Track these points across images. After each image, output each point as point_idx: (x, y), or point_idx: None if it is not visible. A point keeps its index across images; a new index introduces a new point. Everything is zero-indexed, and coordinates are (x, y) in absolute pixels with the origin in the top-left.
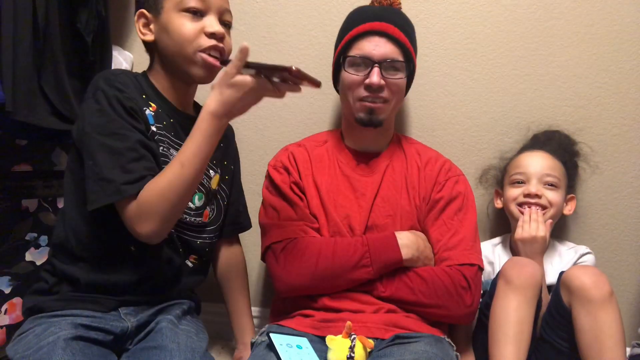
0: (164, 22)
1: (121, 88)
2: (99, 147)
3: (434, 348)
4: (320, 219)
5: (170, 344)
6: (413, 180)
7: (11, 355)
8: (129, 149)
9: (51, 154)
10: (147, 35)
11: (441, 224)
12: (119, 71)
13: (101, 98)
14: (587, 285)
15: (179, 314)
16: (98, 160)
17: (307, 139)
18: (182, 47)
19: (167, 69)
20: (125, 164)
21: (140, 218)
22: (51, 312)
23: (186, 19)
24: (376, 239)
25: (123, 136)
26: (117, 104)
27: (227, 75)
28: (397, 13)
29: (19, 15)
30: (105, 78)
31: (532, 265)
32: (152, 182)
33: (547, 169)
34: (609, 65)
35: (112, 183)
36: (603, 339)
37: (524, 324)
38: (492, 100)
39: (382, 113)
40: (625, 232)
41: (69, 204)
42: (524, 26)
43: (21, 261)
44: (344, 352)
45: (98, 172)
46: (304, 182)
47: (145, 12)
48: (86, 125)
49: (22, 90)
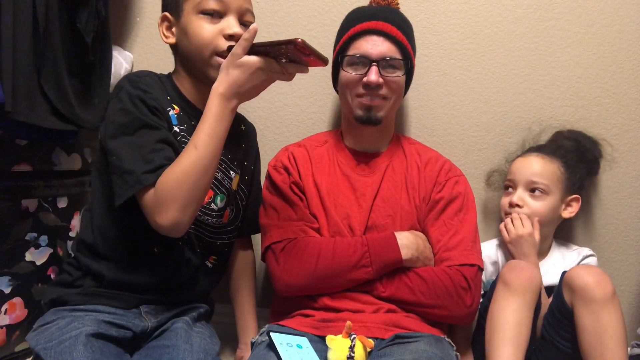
0: (184, 25)
1: (145, 89)
2: (122, 144)
3: (434, 348)
4: (320, 219)
5: (184, 344)
6: (413, 181)
7: (33, 344)
8: (150, 142)
9: (51, 154)
10: (169, 38)
11: (441, 224)
12: (144, 73)
13: (124, 97)
14: (589, 285)
15: (194, 316)
16: (121, 155)
17: (307, 139)
18: (200, 50)
19: (188, 71)
20: (145, 154)
21: (159, 206)
22: (74, 305)
23: (204, 21)
24: (376, 239)
25: (145, 132)
26: (140, 103)
27: (234, 55)
28: (395, 12)
29: (19, 15)
30: (129, 79)
31: (530, 269)
32: (168, 169)
33: (534, 175)
34: (609, 65)
35: (132, 174)
36: (605, 339)
37: (522, 326)
38: (492, 100)
39: (380, 110)
40: (625, 232)
41: (96, 203)
42: (524, 26)
43: (21, 261)
44: (344, 352)
45: (120, 166)
46: (304, 182)
47: (168, 15)
48: (109, 124)
49: (22, 90)
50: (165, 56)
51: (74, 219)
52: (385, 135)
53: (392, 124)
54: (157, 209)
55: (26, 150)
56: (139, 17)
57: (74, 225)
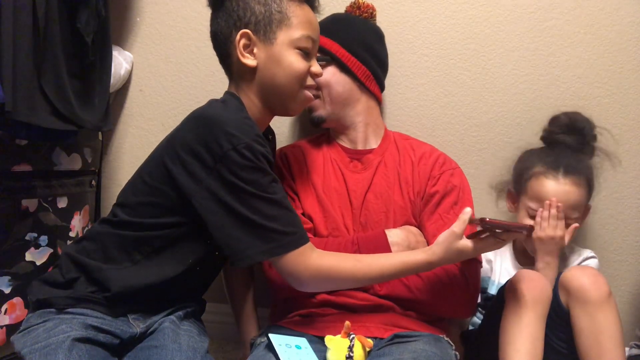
0: (276, 54)
1: (262, 143)
2: (261, 201)
3: (433, 347)
4: (316, 217)
5: (172, 344)
6: (406, 175)
7: (18, 346)
8: (285, 198)
9: (51, 154)
10: (248, 59)
11: (437, 219)
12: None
13: (249, 154)
14: (585, 286)
15: (181, 315)
16: (266, 212)
17: (301, 140)
18: (291, 82)
19: (263, 98)
20: (291, 210)
21: (308, 281)
22: (62, 308)
23: (300, 57)
24: (366, 238)
25: (278, 188)
26: (263, 159)
27: (456, 236)
28: (330, 21)
29: (19, 15)
30: (244, 131)
31: (540, 280)
32: (334, 258)
33: (570, 207)
34: (609, 65)
35: (294, 235)
36: (602, 341)
37: (536, 340)
38: (492, 100)
39: (318, 109)
40: (625, 232)
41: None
42: (524, 26)
43: (21, 261)
44: (342, 352)
45: (263, 225)
46: (298, 182)
47: (250, 34)
48: (234, 178)
49: (22, 91)
50: (165, 56)
51: (74, 219)
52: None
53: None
54: (295, 279)
55: (26, 150)
56: (139, 17)
57: (74, 226)
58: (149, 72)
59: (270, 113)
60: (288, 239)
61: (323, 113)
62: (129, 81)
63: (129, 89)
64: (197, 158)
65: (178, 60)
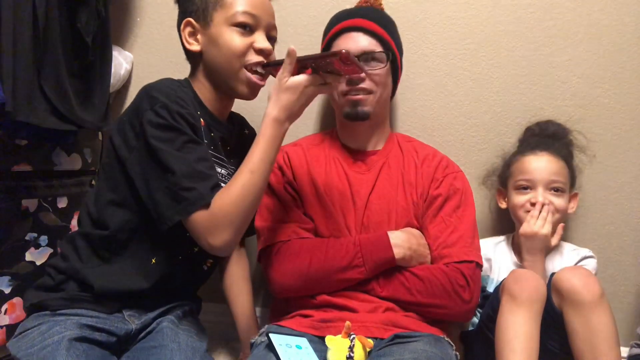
0: (214, 35)
1: (183, 104)
2: (174, 159)
3: (434, 347)
4: (317, 218)
5: (171, 344)
6: (410, 177)
7: (14, 351)
8: (201, 158)
9: (51, 154)
10: (193, 45)
11: (440, 221)
12: (175, 84)
13: (163, 113)
14: (577, 288)
15: (179, 314)
16: (175, 171)
17: (303, 139)
18: (230, 62)
19: (211, 81)
20: (202, 170)
21: (215, 228)
22: (55, 310)
23: (236, 34)
24: (368, 239)
25: (193, 148)
26: (180, 119)
27: (281, 80)
28: (373, 10)
29: (19, 15)
30: (165, 92)
31: (535, 278)
32: (224, 191)
33: (553, 174)
34: (609, 65)
35: (193, 191)
36: (597, 343)
37: (531, 339)
38: (492, 100)
39: (366, 104)
40: (625, 232)
41: (100, 209)
42: (524, 26)
43: (21, 261)
44: (343, 352)
45: (176, 182)
46: (299, 182)
47: (192, 22)
48: (150, 138)
49: (22, 91)
50: (165, 56)
51: (74, 219)
52: (378, 132)
53: (385, 122)
54: (211, 230)
55: (26, 150)
56: (139, 17)
57: (74, 226)
58: (149, 72)
59: (224, 96)
60: (195, 195)
61: (371, 110)
62: (129, 81)
63: (129, 89)
64: (131, 125)
65: (178, 60)
